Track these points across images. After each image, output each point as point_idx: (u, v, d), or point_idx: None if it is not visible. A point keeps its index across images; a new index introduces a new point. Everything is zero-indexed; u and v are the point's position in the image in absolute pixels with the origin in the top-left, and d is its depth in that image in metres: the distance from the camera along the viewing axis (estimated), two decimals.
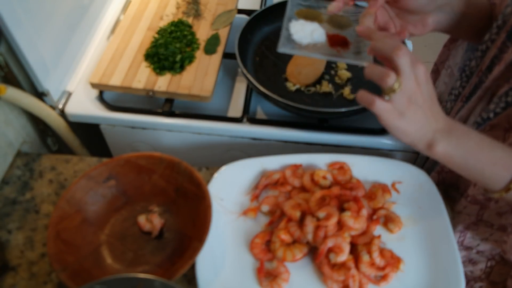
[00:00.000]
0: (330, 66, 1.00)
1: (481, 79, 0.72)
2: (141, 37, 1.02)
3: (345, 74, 0.98)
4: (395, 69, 0.56)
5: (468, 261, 0.80)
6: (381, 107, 0.57)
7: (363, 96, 0.58)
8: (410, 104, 0.57)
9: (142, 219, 0.76)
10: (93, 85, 0.95)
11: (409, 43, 1.01)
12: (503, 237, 0.72)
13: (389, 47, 0.56)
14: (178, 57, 0.95)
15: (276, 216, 0.76)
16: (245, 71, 0.92)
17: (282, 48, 0.68)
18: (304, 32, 0.69)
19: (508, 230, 0.68)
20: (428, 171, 0.84)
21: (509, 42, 0.66)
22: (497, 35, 0.69)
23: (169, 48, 0.96)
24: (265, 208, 0.77)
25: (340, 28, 0.70)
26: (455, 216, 0.79)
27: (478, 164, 0.60)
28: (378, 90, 0.92)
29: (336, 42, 0.69)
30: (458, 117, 0.82)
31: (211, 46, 1.00)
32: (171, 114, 0.94)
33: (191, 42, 1.00)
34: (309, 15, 0.71)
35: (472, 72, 0.76)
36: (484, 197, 0.72)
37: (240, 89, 1.02)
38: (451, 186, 0.82)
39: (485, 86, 0.71)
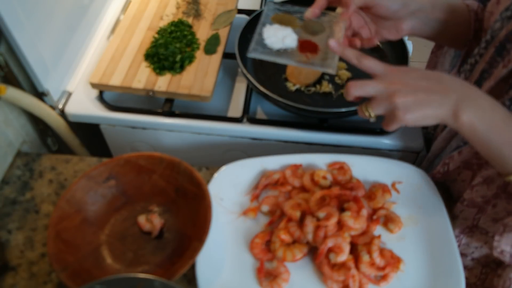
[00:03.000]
0: None
1: None
2: (141, 37, 1.02)
3: (345, 74, 0.98)
4: (369, 73, 0.63)
5: (463, 268, 0.80)
6: (385, 125, 0.63)
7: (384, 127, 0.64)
8: (400, 98, 0.58)
9: (142, 219, 0.76)
10: (93, 85, 0.95)
11: (409, 44, 1.01)
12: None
13: (354, 56, 0.64)
14: (178, 57, 0.95)
15: (276, 216, 0.76)
16: (245, 71, 0.92)
17: (252, 53, 0.70)
18: (276, 37, 0.71)
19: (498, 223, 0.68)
20: None
21: (499, 58, 0.66)
22: (485, 49, 0.69)
23: (169, 48, 0.96)
24: (265, 208, 0.77)
25: (313, 34, 0.72)
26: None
27: (499, 140, 0.58)
28: None
29: (306, 48, 0.71)
30: (448, 131, 0.83)
31: (211, 46, 1.00)
32: (171, 114, 0.94)
33: (191, 42, 1.00)
34: (284, 20, 0.73)
35: None
36: (483, 199, 0.72)
37: (240, 89, 1.02)
38: (444, 191, 0.82)
39: None
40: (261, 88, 0.89)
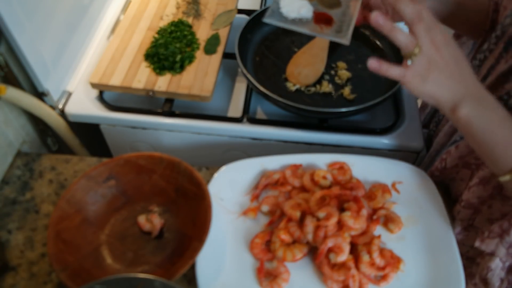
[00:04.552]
0: (330, 66, 1.00)
1: None
2: (141, 37, 1.02)
3: (345, 74, 0.98)
4: (413, 33, 0.58)
5: None
6: (396, 72, 0.59)
7: (375, 64, 0.59)
8: (431, 67, 0.58)
9: (142, 219, 0.76)
10: (93, 85, 0.95)
11: None
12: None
13: (408, 12, 0.57)
14: (178, 57, 0.95)
15: (276, 216, 0.76)
16: (245, 71, 0.92)
17: (267, 19, 0.73)
18: (292, 7, 0.73)
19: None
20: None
21: (504, 53, 0.66)
22: (495, 45, 0.69)
23: (169, 48, 0.96)
24: (265, 208, 0.77)
25: (329, 7, 0.74)
26: None
27: (493, 141, 0.59)
28: (377, 88, 0.92)
29: (321, 19, 0.72)
30: (450, 125, 0.82)
31: (211, 46, 1.00)
32: (171, 114, 0.94)
33: (191, 42, 1.00)
34: None
35: None
36: (479, 200, 0.72)
37: (240, 89, 1.02)
38: (444, 191, 0.82)
39: None
40: (261, 88, 0.89)
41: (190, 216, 0.74)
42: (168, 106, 0.94)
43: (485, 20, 0.75)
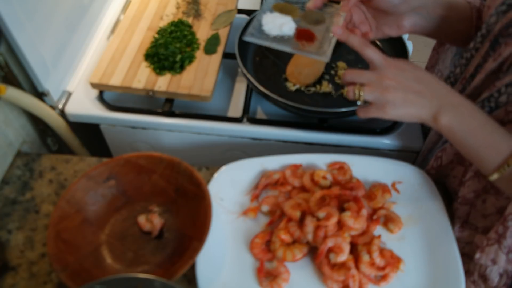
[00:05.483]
0: (330, 66, 1.00)
1: (465, 86, 0.73)
2: (141, 37, 1.02)
3: None
4: (368, 62, 0.66)
5: None
6: (365, 112, 0.65)
7: (359, 114, 0.67)
8: (392, 93, 0.62)
9: (142, 219, 0.76)
10: (93, 85, 0.95)
11: (409, 44, 1.01)
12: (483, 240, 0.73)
13: (358, 43, 0.65)
14: (178, 57, 0.95)
15: (276, 216, 0.76)
16: (245, 71, 0.92)
17: (247, 37, 0.72)
18: (274, 24, 0.73)
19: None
20: None
21: (491, 51, 0.66)
22: (481, 43, 0.69)
23: (169, 48, 0.96)
24: (265, 208, 0.77)
25: (313, 23, 0.74)
26: None
27: (476, 144, 0.62)
28: None
29: (303, 36, 0.72)
30: None
31: (211, 46, 1.00)
32: (171, 114, 0.94)
33: (191, 42, 1.00)
34: (285, 9, 0.75)
35: (457, 79, 0.76)
36: (474, 194, 0.72)
37: (240, 89, 1.02)
38: (444, 190, 0.82)
39: (466, 93, 0.71)
40: (261, 88, 0.89)
41: (190, 216, 0.74)
42: (168, 106, 0.94)
43: (469, 29, 0.76)
